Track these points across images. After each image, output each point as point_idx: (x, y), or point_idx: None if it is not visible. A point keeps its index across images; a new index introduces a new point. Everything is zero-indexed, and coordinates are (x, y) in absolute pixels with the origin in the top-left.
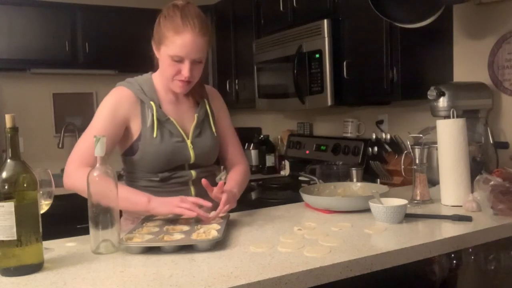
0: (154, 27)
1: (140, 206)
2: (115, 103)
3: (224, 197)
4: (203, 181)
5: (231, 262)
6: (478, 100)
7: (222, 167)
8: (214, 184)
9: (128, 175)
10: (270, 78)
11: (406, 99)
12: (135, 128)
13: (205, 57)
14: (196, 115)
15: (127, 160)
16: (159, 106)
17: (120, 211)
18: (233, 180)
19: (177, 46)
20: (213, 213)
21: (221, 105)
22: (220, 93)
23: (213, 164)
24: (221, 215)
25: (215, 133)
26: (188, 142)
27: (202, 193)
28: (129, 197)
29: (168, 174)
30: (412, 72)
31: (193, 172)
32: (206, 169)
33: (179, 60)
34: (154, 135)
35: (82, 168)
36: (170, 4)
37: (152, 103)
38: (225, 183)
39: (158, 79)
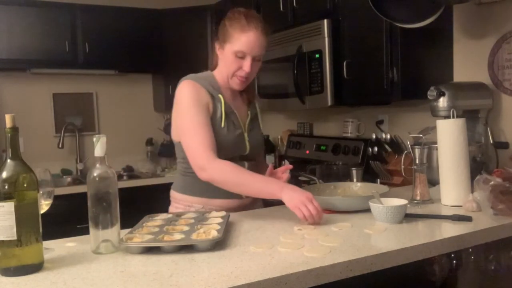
0: (218, 29)
1: (274, 196)
2: (194, 95)
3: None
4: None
5: (231, 262)
6: (478, 100)
7: None
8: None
9: (183, 161)
10: (270, 78)
11: (406, 99)
12: None
13: (263, 56)
14: (249, 112)
15: None
16: (225, 100)
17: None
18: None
19: (242, 43)
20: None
21: (259, 109)
22: None
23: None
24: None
25: (262, 130)
26: (246, 134)
27: None
28: (263, 188)
29: None
30: (412, 72)
31: (245, 164)
32: (253, 162)
33: (242, 56)
34: (222, 125)
35: (213, 161)
36: (234, 10)
37: (220, 96)
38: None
39: (218, 76)
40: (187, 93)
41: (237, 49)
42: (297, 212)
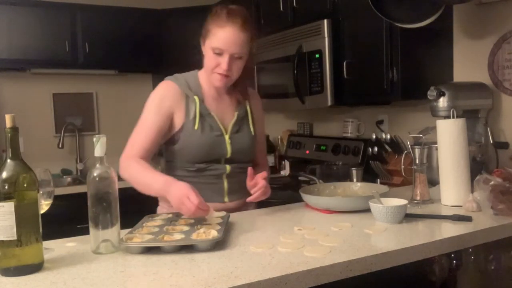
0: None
1: (163, 195)
2: (161, 96)
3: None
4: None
5: (231, 262)
6: (478, 100)
7: None
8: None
9: (167, 163)
10: (270, 78)
11: (406, 99)
12: (178, 120)
13: (246, 54)
14: (236, 113)
15: (168, 149)
16: (202, 101)
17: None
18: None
19: (219, 39)
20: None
21: (260, 110)
22: None
23: (248, 161)
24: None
25: (252, 132)
26: (226, 137)
27: (233, 188)
28: (152, 186)
29: (204, 165)
30: (412, 72)
31: (227, 167)
32: (241, 165)
33: (220, 52)
34: (196, 127)
35: (130, 159)
36: (220, 5)
37: (196, 97)
38: None
39: (203, 75)
40: (155, 93)
41: (214, 46)
42: (181, 211)
